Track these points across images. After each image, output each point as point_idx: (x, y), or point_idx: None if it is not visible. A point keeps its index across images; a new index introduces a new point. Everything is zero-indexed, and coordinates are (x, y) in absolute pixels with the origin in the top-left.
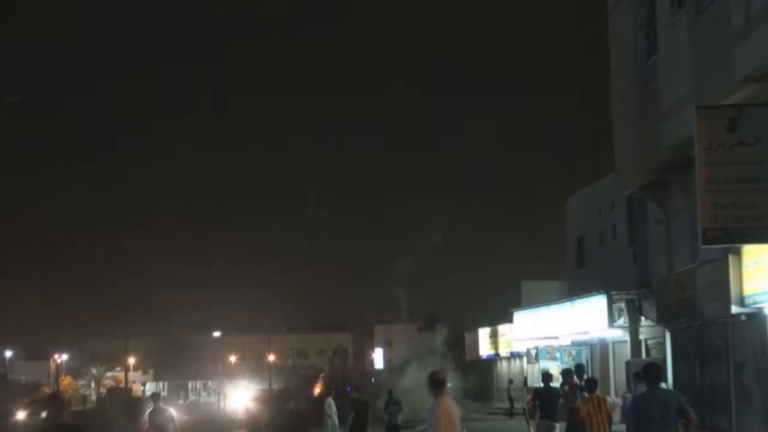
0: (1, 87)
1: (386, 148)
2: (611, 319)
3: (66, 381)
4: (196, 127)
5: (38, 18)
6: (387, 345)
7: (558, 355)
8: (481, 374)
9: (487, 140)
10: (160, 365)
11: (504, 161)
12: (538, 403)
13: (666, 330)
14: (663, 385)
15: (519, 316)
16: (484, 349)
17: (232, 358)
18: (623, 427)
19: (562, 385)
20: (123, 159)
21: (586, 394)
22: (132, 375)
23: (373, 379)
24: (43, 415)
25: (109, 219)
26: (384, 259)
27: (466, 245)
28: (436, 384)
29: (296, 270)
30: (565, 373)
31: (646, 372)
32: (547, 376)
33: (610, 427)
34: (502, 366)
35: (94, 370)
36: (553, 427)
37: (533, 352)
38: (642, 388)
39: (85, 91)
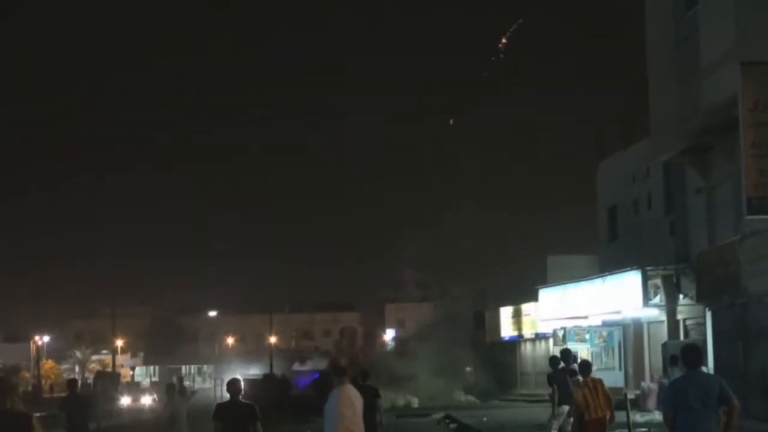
0: None
1: (404, 118)
2: (646, 297)
3: (48, 365)
4: (193, 98)
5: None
6: (399, 325)
7: (588, 336)
8: (503, 357)
9: (509, 101)
10: (150, 348)
11: (527, 122)
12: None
13: (706, 309)
14: (703, 369)
15: (545, 293)
16: (506, 330)
17: (230, 340)
18: (654, 415)
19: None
20: (113, 130)
21: (580, 378)
22: (120, 358)
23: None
24: None
25: (94, 190)
26: (397, 233)
27: (485, 217)
28: (337, 372)
29: (300, 244)
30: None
31: (685, 355)
32: (554, 359)
33: (611, 410)
34: (526, 348)
35: (78, 353)
36: (564, 411)
37: (560, 334)
38: (679, 372)
39: (79, 69)
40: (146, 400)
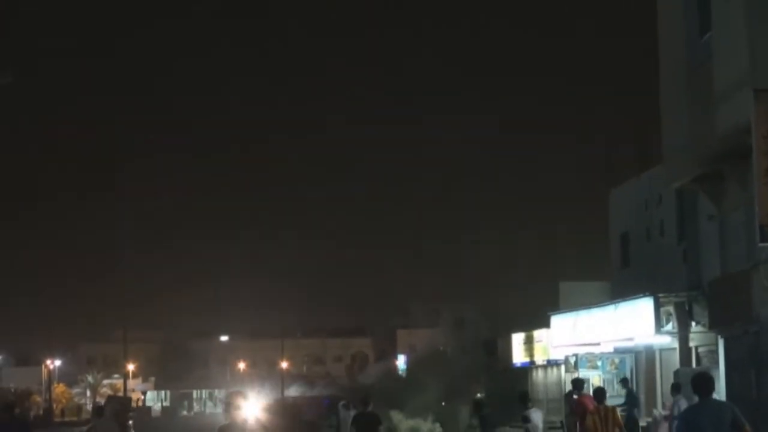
0: None
1: (417, 142)
2: (658, 324)
3: (59, 389)
4: (198, 126)
5: (42, 16)
6: (411, 351)
7: (599, 363)
8: (515, 383)
9: (524, 126)
10: (162, 372)
11: (541, 149)
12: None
13: (719, 336)
14: (714, 396)
15: (557, 320)
16: (518, 356)
17: (241, 365)
18: None
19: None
20: (125, 153)
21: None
22: (131, 383)
23: None
24: None
25: (107, 214)
26: (409, 259)
27: (498, 243)
28: (234, 406)
29: (312, 269)
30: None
31: (696, 383)
32: (477, 405)
33: None
34: (538, 375)
35: (89, 377)
36: None
37: (572, 360)
38: (683, 400)
39: (87, 89)
40: None
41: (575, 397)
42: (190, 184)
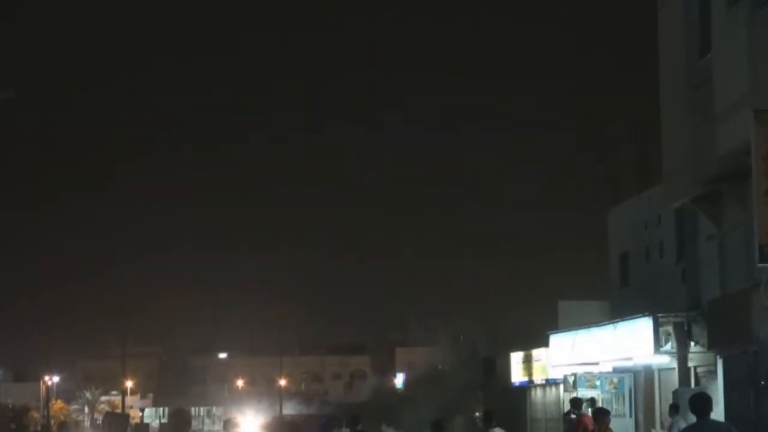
0: None
1: (415, 159)
2: (657, 344)
3: (57, 405)
4: (200, 143)
5: (41, 17)
6: (410, 369)
7: (598, 382)
8: (513, 403)
9: (522, 144)
10: (160, 389)
11: (540, 167)
12: None
13: (718, 356)
14: (713, 416)
15: (555, 339)
16: (517, 375)
17: (240, 382)
18: None
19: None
20: (125, 171)
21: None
22: (129, 399)
23: None
24: None
25: (105, 229)
26: (409, 277)
27: (496, 261)
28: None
29: (311, 286)
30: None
31: (694, 403)
32: (436, 426)
33: None
34: (536, 394)
35: (87, 394)
36: None
37: (571, 380)
38: (679, 422)
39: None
40: None
41: (573, 416)
42: (190, 184)
